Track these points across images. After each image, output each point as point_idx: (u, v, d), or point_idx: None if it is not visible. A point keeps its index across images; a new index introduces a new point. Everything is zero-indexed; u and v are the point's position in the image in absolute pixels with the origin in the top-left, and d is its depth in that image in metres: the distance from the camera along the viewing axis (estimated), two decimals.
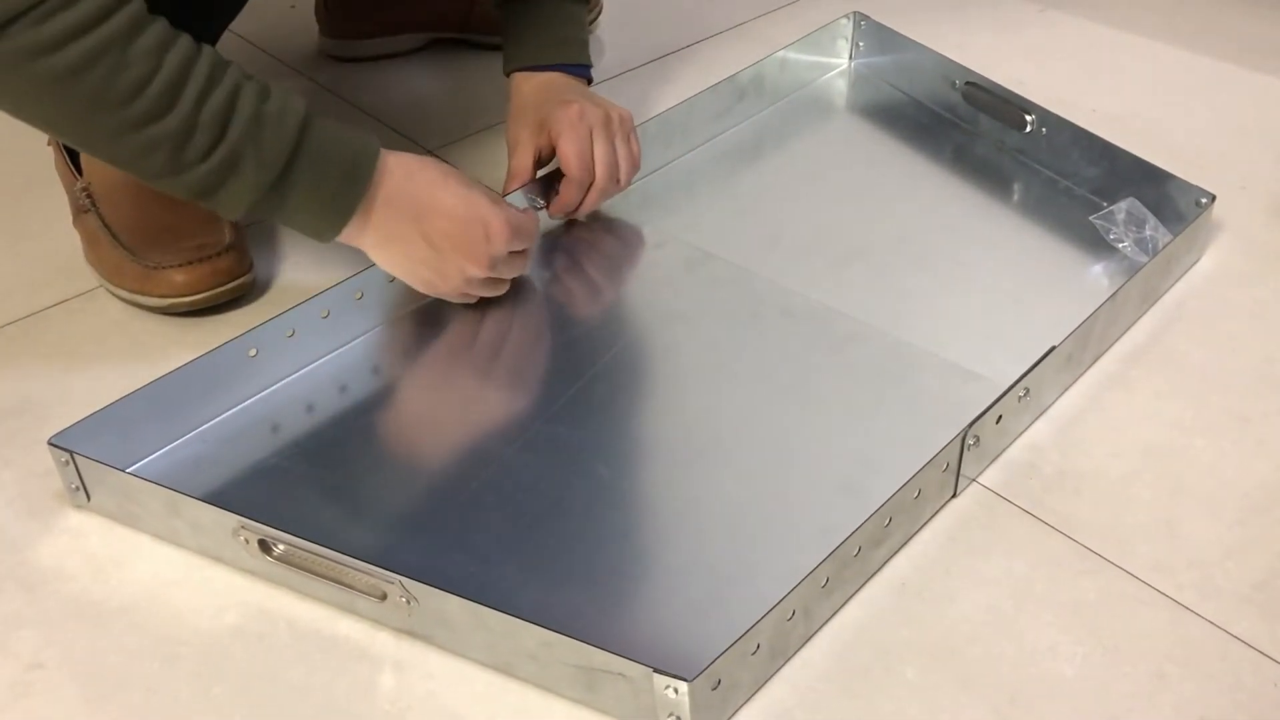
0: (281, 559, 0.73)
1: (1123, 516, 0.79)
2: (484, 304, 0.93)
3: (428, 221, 0.84)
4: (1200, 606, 0.73)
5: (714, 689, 0.64)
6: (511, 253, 0.89)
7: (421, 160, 0.85)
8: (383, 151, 0.83)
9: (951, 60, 1.17)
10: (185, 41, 0.74)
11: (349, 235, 0.83)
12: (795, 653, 0.70)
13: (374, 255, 0.87)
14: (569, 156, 0.95)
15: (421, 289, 0.89)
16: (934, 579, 0.75)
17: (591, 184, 0.97)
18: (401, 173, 0.83)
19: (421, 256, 0.86)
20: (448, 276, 0.88)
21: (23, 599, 0.75)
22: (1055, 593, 0.74)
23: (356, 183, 0.81)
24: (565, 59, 1.02)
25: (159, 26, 0.73)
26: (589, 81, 1.04)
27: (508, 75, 1.03)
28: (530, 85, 1.01)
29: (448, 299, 0.91)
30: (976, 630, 0.72)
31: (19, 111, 0.73)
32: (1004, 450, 0.83)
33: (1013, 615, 0.73)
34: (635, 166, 1.00)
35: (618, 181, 0.98)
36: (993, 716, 0.67)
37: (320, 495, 0.80)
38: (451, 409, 0.88)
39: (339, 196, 0.81)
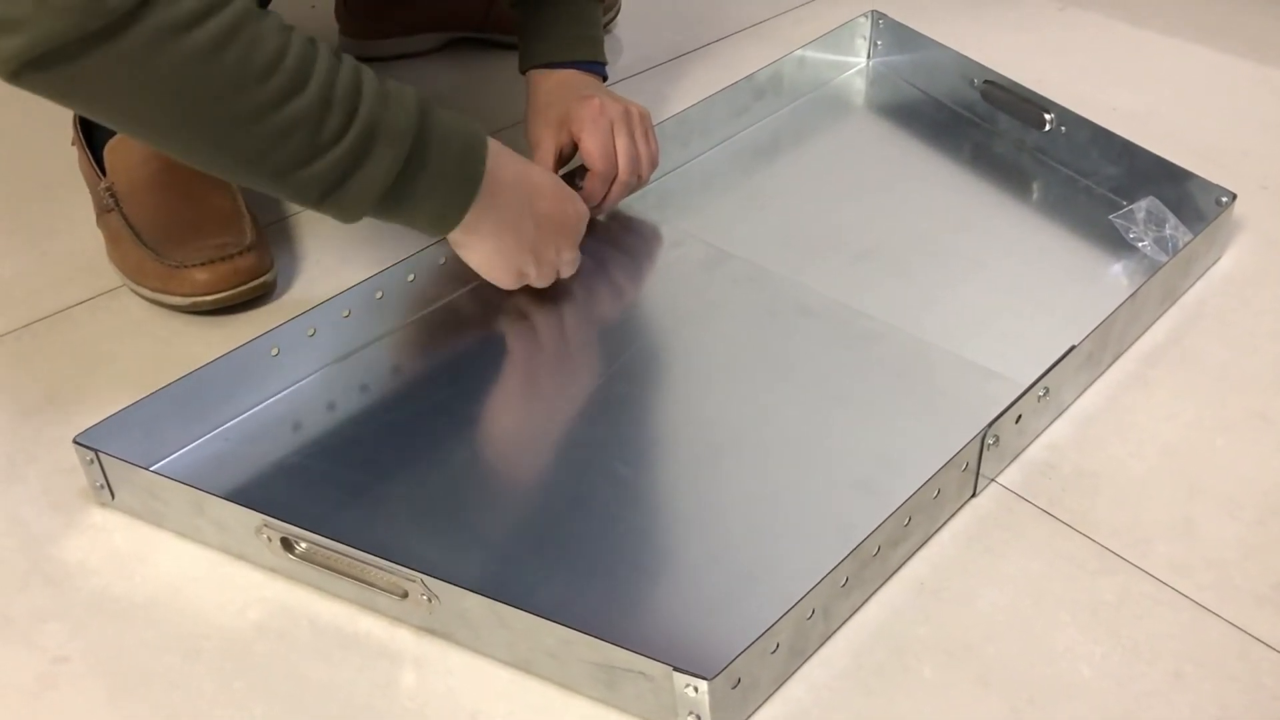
0: (303, 557, 0.74)
1: (1142, 516, 0.79)
2: (503, 303, 0.94)
3: (535, 202, 0.86)
4: (1219, 607, 0.73)
5: (734, 688, 0.65)
6: None
7: (496, 141, 0.84)
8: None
9: (970, 59, 1.16)
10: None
11: (469, 222, 0.82)
12: (814, 652, 0.71)
13: (483, 244, 0.85)
14: (592, 150, 0.95)
15: (509, 277, 0.88)
16: (952, 578, 0.75)
17: (615, 178, 0.97)
18: (504, 153, 0.83)
19: (529, 241, 0.86)
20: (543, 259, 0.89)
21: (49, 593, 0.75)
22: (1073, 593, 0.74)
23: (475, 160, 0.80)
24: (581, 56, 1.03)
25: (272, 10, 0.72)
26: (604, 79, 1.05)
27: (524, 74, 1.04)
28: (548, 83, 1.02)
29: (506, 286, 0.90)
30: (994, 630, 0.72)
31: (153, 108, 0.69)
32: (1023, 450, 0.83)
33: (1031, 615, 0.73)
34: (655, 163, 1.00)
35: (639, 176, 0.99)
36: (1010, 716, 0.67)
37: (342, 493, 0.80)
38: (471, 408, 0.88)
39: (461, 175, 0.80)
